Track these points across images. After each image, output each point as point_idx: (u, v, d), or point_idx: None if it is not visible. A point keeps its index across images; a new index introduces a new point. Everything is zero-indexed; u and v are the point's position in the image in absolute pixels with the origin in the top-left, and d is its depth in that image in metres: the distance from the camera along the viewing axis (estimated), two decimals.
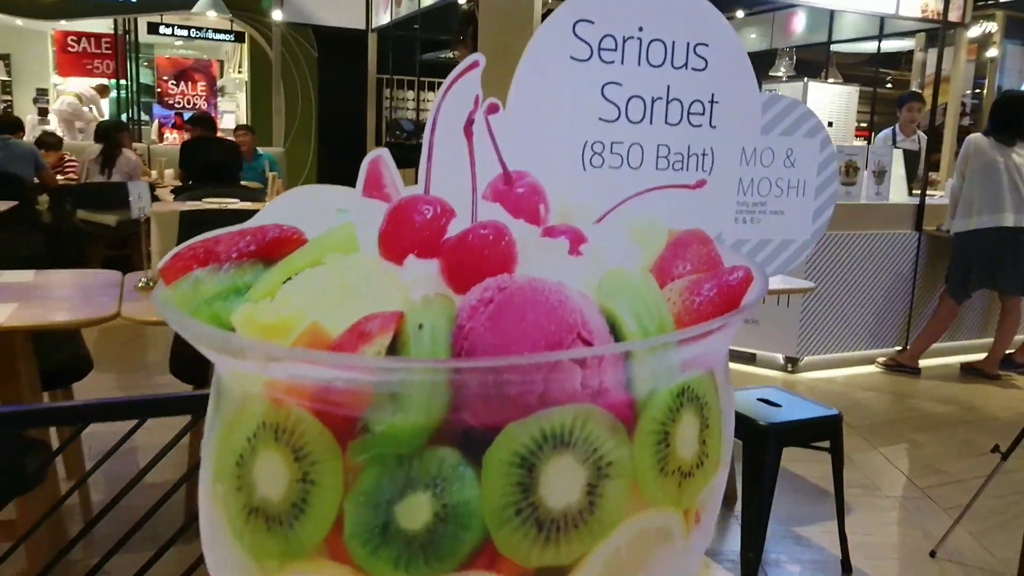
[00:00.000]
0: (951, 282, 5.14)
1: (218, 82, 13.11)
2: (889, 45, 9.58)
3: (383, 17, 9.29)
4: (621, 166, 0.39)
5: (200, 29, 11.22)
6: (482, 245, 0.32)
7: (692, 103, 0.40)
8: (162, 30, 11.25)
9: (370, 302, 0.31)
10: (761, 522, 2.62)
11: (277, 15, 9.11)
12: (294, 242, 0.34)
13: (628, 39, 0.38)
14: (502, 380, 0.32)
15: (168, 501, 0.91)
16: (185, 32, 11.41)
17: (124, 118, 11.01)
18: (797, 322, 5.04)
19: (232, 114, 12.81)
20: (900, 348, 5.49)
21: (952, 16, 6.02)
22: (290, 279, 0.32)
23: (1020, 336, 5.41)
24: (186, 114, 12.22)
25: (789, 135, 0.41)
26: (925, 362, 5.34)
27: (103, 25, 11.57)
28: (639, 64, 0.39)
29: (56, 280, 2.68)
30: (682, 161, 0.41)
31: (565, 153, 0.38)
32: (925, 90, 7.71)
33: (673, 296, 0.35)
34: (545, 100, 0.38)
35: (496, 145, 0.33)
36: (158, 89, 12.72)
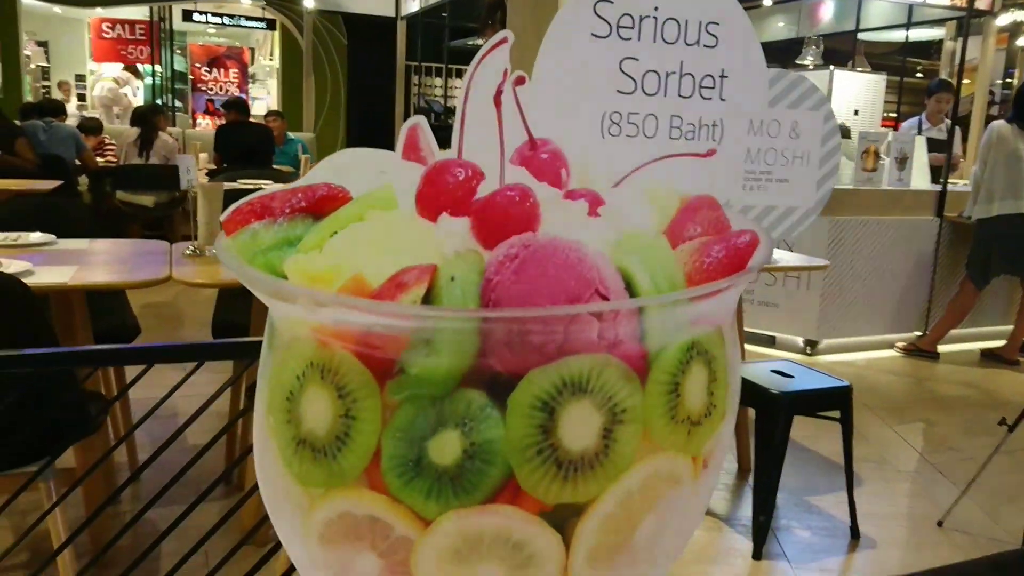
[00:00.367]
0: (972, 268, 5.13)
1: (249, 69, 13.23)
2: (919, 34, 9.44)
3: (412, 4, 9.33)
4: (637, 135, 0.42)
5: (232, 17, 11.33)
6: (509, 205, 0.35)
7: (703, 77, 0.43)
8: (196, 17, 11.37)
9: (407, 255, 0.34)
10: (772, 487, 2.72)
11: (309, 2, 9.19)
12: (340, 199, 0.37)
13: (644, 18, 0.41)
14: (525, 329, 0.34)
15: (204, 457, 0.96)
16: (218, 20, 11.53)
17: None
18: (817, 305, 5.04)
19: (263, 100, 12.93)
20: (920, 333, 5.47)
21: (981, 4, 5.94)
22: (336, 233, 0.36)
23: None
24: (217, 100, 12.38)
25: (794, 108, 0.43)
26: (944, 347, 5.34)
27: (139, 12, 11.71)
28: (654, 41, 0.41)
29: (109, 248, 2.87)
30: (694, 131, 0.44)
31: (586, 122, 0.41)
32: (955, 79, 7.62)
33: (684, 257, 0.38)
34: (568, 73, 0.41)
35: (523, 114, 0.36)
36: (191, 76, 12.88)
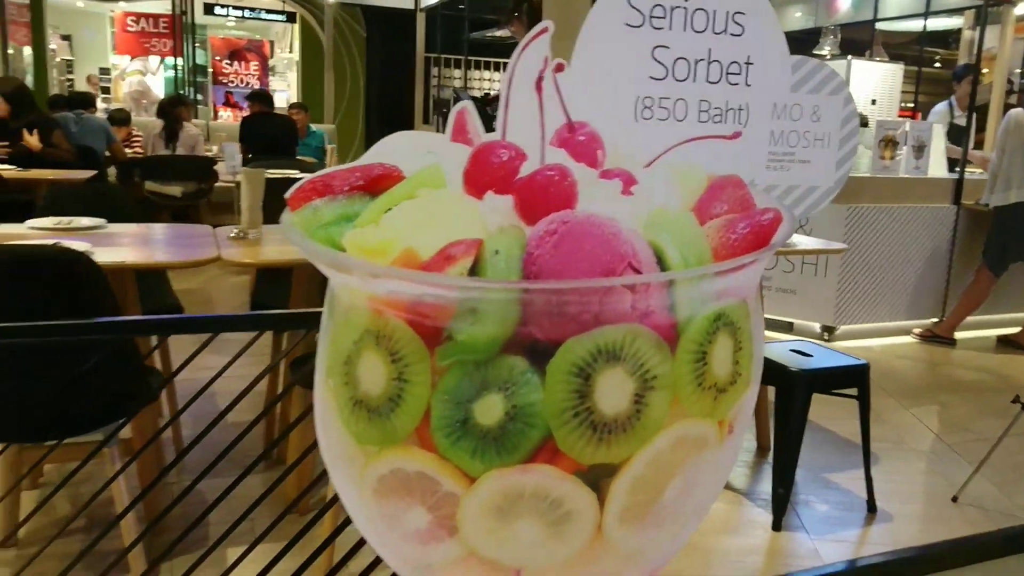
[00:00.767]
0: (988, 255, 5.12)
1: (269, 62, 13.30)
2: (937, 23, 9.35)
3: None
4: (668, 118, 0.44)
5: (253, 10, 11.39)
6: (548, 184, 0.38)
7: (730, 64, 0.45)
8: (217, 11, 11.45)
9: (454, 230, 0.37)
10: (791, 461, 2.79)
11: None
12: (394, 178, 0.40)
13: (675, 8, 0.43)
14: (563, 300, 0.37)
15: (248, 436, 1.00)
16: (239, 13, 11.60)
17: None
18: (834, 292, 5.06)
19: (283, 93, 13.00)
20: (936, 320, 5.46)
21: None
22: (390, 209, 0.39)
23: None
24: (236, 93, 12.47)
25: (815, 93, 0.45)
26: (961, 334, 5.35)
27: (161, 6, 11.81)
28: (684, 30, 0.44)
29: (156, 231, 3.02)
30: (721, 115, 0.46)
31: (620, 106, 0.44)
32: None
33: (711, 233, 0.40)
34: (604, 60, 0.44)
35: (562, 99, 0.39)
36: (211, 69, 12.97)
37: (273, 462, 2.90)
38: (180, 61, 12.07)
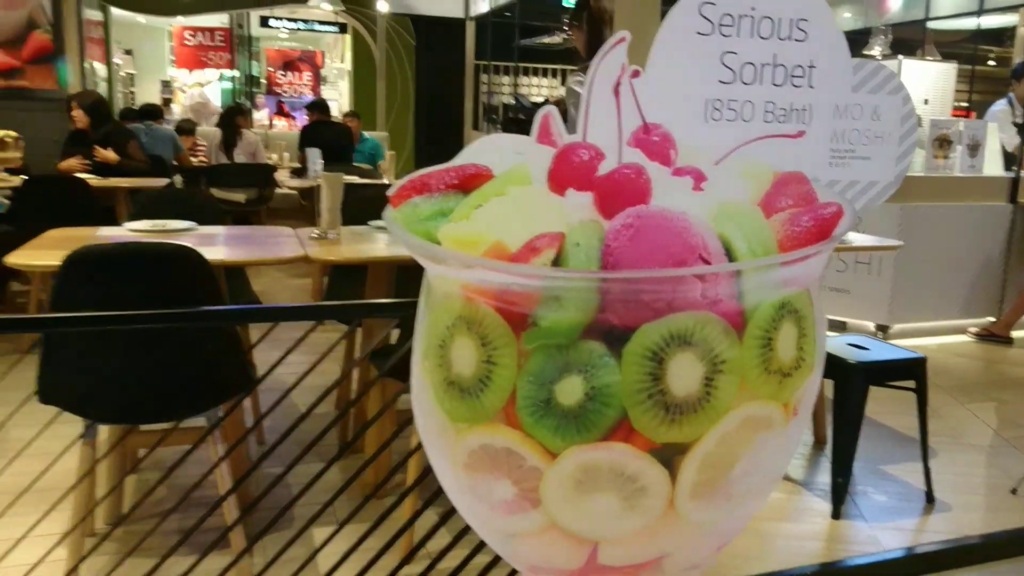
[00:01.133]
0: None
1: (321, 72, 13.53)
2: (990, 21, 9.12)
3: (481, 5, 9.42)
4: (735, 119, 0.47)
5: (307, 22, 11.60)
6: (625, 181, 0.41)
7: (794, 68, 0.48)
8: (272, 23, 11.68)
9: (539, 224, 0.40)
10: (849, 452, 2.83)
11: (382, 6, 9.35)
12: (485, 177, 0.44)
13: (743, 16, 0.46)
14: (638, 289, 0.40)
15: (315, 420, 1.06)
16: (293, 25, 11.82)
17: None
18: (888, 291, 4.99)
19: (335, 101, 13.22)
20: (993, 319, 5.35)
21: None
22: (481, 205, 0.42)
23: None
24: (288, 102, 12.71)
25: (875, 93, 0.46)
26: (1018, 333, 5.23)
27: (217, 20, 12.10)
28: (751, 36, 0.47)
29: (243, 233, 3.22)
30: (786, 115, 0.48)
31: (691, 109, 0.47)
32: None
33: (776, 225, 0.43)
34: (676, 66, 0.47)
35: (638, 103, 0.42)
36: (264, 80, 13.24)
37: (348, 450, 3.01)
38: (236, 73, 12.37)
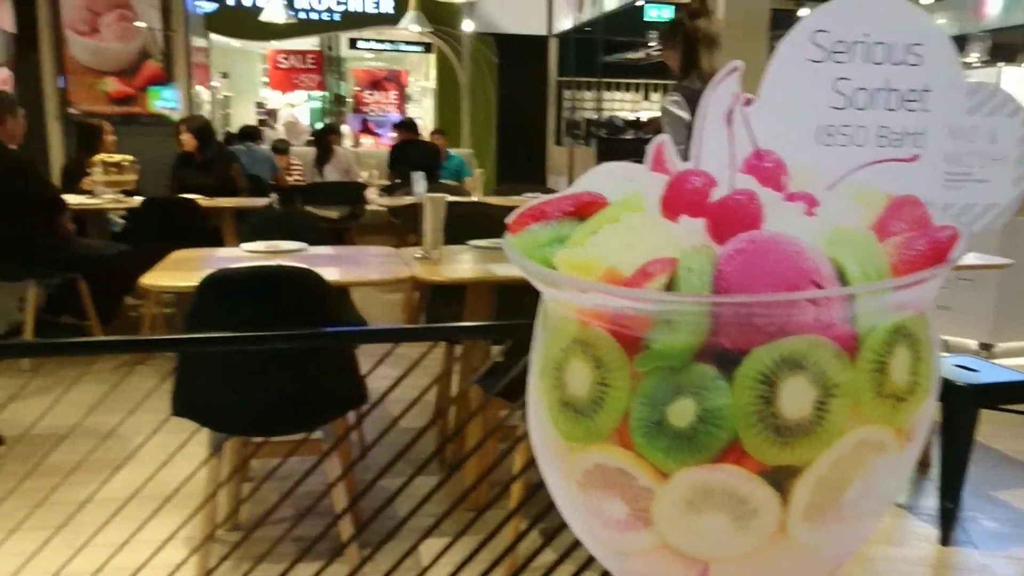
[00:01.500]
0: None
1: (406, 90, 13.81)
2: None
3: (565, 22, 9.47)
4: (848, 144, 0.47)
5: (393, 42, 11.87)
6: (737, 207, 0.42)
7: (908, 92, 0.47)
8: (360, 44, 11.99)
9: (652, 250, 0.41)
10: (958, 476, 2.73)
11: (467, 26, 9.51)
12: (599, 204, 0.45)
13: (856, 43, 0.46)
14: (751, 313, 0.40)
15: (420, 440, 1.08)
16: (380, 46, 12.11)
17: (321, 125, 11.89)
18: (992, 308, 4.76)
19: (420, 119, 13.45)
20: None
21: None
22: (596, 232, 0.44)
23: None
24: (373, 120, 13.02)
25: (992, 115, 0.45)
26: None
27: (309, 43, 12.49)
28: (865, 62, 0.47)
29: (350, 253, 3.35)
30: (900, 139, 0.48)
31: (803, 135, 0.47)
32: None
33: (890, 249, 0.43)
34: (788, 94, 0.47)
35: (750, 130, 0.43)
36: (349, 99, 13.59)
37: (445, 464, 3.07)
38: (325, 93, 12.74)
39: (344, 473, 1.69)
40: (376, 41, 11.96)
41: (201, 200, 5.04)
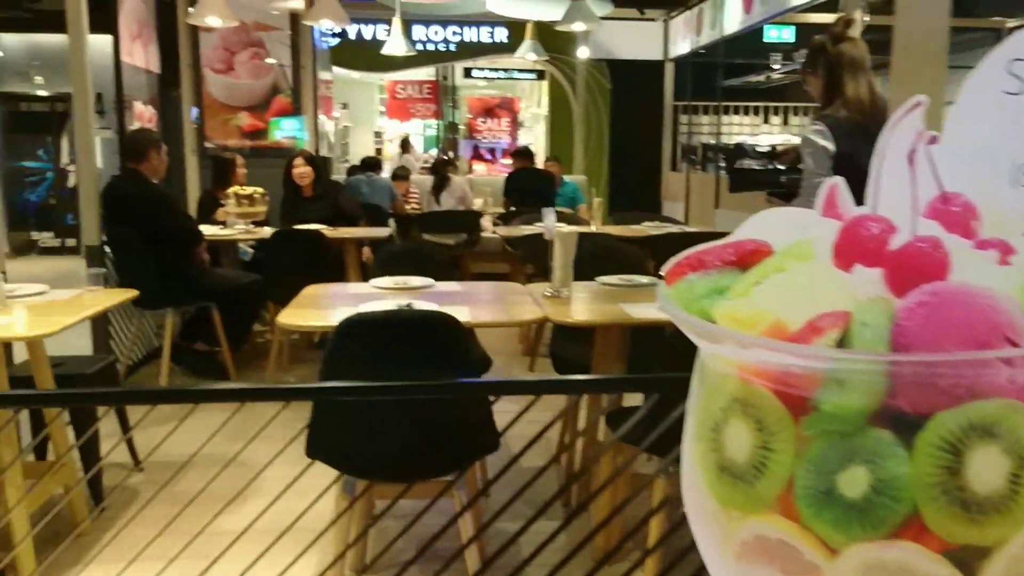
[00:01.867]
0: None
1: (519, 117, 13.98)
2: None
3: (682, 46, 9.39)
4: None
5: (507, 70, 12.06)
6: (920, 256, 0.38)
7: None
8: (475, 73, 12.24)
9: (823, 302, 0.38)
10: None
11: (583, 52, 9.56)
12: (764, 253, 0.42)
13: None
14: (934, 373, 0.36)
15: (540, 482, 1.06)
16: (494, 74, 12.32)
17: (435, 153, 12.19)
18: None
19: (531, 145, 13.57)
20: None
21: None
22: (760, 282, 0.40)
23: None
24: (485, 146, 13.24)
25: None
26: None
27: (425, 73, 12.84)
28: None
29: (477, 289, 3.33)
30: None
31: (997, 175, 0.42)
32: None
33: None
34: (978, 130, 0.43)
35: (934, 170, 0.39)
36: (463, 126, 13.87)
37: (569, 507, 3.03)
38: (437, 121, 13.06)
39: (461, 512, 1.68)
40: (490, 69, 12.18)
41: (325, 231, 5.20)
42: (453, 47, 10.62)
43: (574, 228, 4.17)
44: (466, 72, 12.66)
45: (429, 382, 1.10)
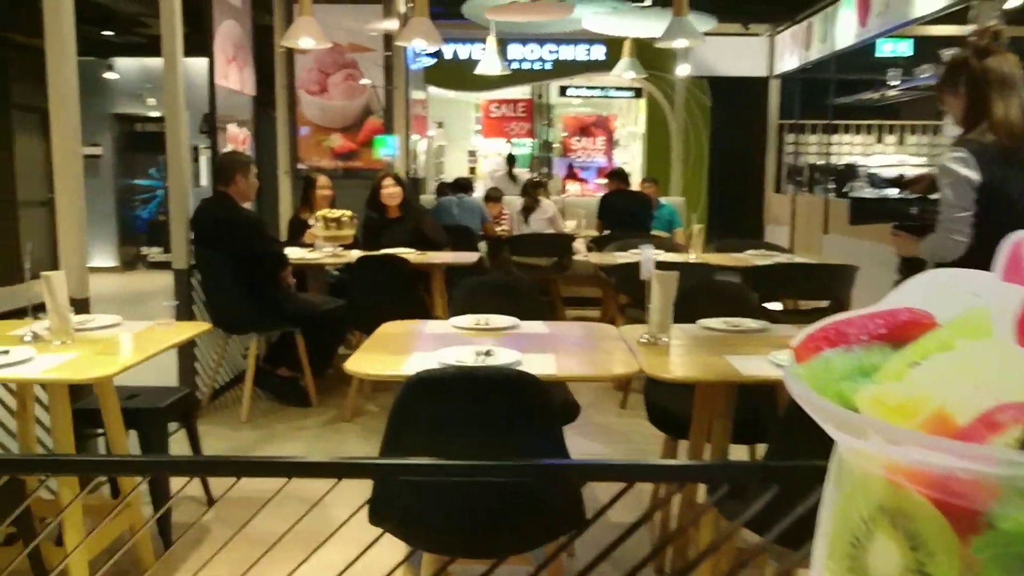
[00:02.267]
0: None
1: (614, 136, 13.86)
2: None
3: (789, 62, 9.12)
4: None
5: (603, 88, 11.97)
6: None
7: None
8: (570, 92, 12.19)
9: (1002, 390, 0.29)
10: None
11: (683, 70, 9.40)
12: (924, 326, 0.34)
13: None
14: None
15: (629, 542, 0.97)
16: (590, 92, 12.25)
17: (529, 173, 12.17)
18: None
19: (626, 164, 13.44)
20: None
21: None
22: (918, 362, 0.32)
23: None
24: (579, 165, 13.15)
25: None
26: None
27: (520, 92, 12.88)
28: None
29: (564, 331, 3.04)
30: None
31: None
32: None
33: None
34: None
35: None
36: (555, 144, 13.84)
37: (663, 574, 2.88)
38: (531, 140, 13.07)
39: (537, 573, 1.54)
40: (586, 87, 12.10)
41: (412, 255, 5.14)
42: (549, 65, 10.58)
43: (673, 257, 3.86)
44: (561, 90, 12.62)
45: (504, 463, 0.96)
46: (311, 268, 5.41)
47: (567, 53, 10.46)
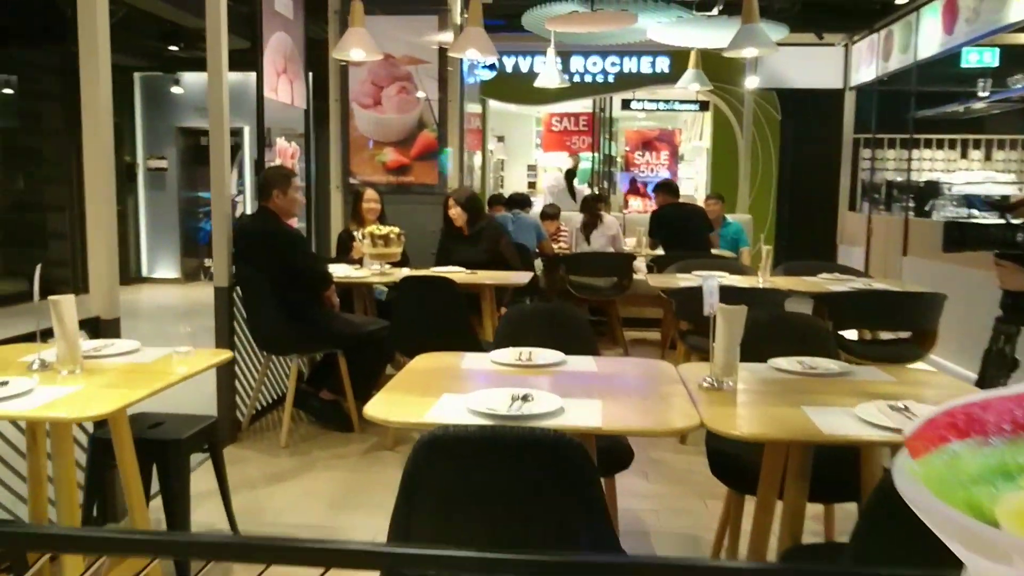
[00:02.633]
0: None
1: (679, 150, 13.47)
2: None
3: (865, 73, 8.65)
4: None
5: (667, 101, 11.62)
6: None
7: None
8: (633, 105, 11.87)
9: None
10: None
11: (751, 82, 9.01)
12: None
13: None
14: None
15: None
16: (654, 106, 11.91)
17: (589, 188, 11.86)
18: None
19: (691, 180, 13.06)
20: None
21: None
22: None
23: None
24: (641, 179, 12.78)
25: None
26: None
27: (581, 105, 12.62)
28: None
29: (615, 370, 2.70)
30: None
31: None
32: None
33: None
34: None
35: None
36: (620, 159, 13.51)
37: None
38: (591, 154, 12.77)
39: None
40: (649, 100, 11.76)
41: (461, 276, 4.91)
42: (612, 78, 10.30)
43: (739, 281, 3.54)
44: (624, 104, 12.32)
45: (533, 557, 0.75)
46: (357, 287, 5.22)
47: (630, 65, 10.17)
